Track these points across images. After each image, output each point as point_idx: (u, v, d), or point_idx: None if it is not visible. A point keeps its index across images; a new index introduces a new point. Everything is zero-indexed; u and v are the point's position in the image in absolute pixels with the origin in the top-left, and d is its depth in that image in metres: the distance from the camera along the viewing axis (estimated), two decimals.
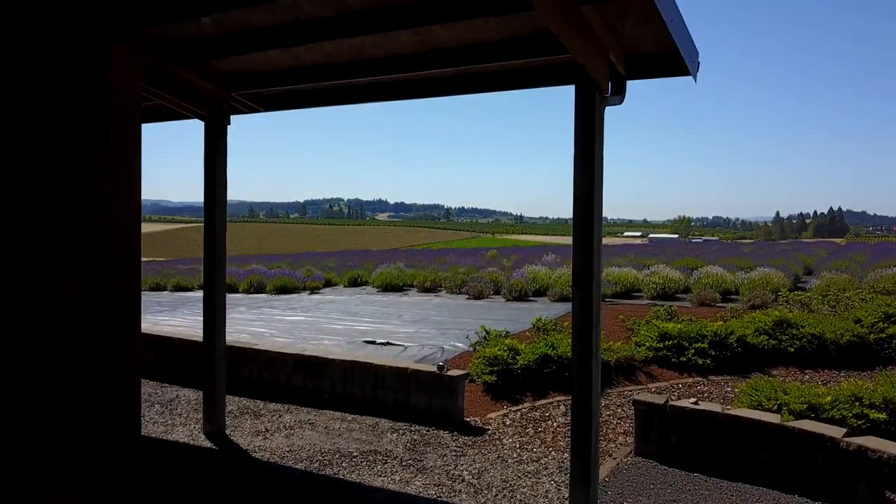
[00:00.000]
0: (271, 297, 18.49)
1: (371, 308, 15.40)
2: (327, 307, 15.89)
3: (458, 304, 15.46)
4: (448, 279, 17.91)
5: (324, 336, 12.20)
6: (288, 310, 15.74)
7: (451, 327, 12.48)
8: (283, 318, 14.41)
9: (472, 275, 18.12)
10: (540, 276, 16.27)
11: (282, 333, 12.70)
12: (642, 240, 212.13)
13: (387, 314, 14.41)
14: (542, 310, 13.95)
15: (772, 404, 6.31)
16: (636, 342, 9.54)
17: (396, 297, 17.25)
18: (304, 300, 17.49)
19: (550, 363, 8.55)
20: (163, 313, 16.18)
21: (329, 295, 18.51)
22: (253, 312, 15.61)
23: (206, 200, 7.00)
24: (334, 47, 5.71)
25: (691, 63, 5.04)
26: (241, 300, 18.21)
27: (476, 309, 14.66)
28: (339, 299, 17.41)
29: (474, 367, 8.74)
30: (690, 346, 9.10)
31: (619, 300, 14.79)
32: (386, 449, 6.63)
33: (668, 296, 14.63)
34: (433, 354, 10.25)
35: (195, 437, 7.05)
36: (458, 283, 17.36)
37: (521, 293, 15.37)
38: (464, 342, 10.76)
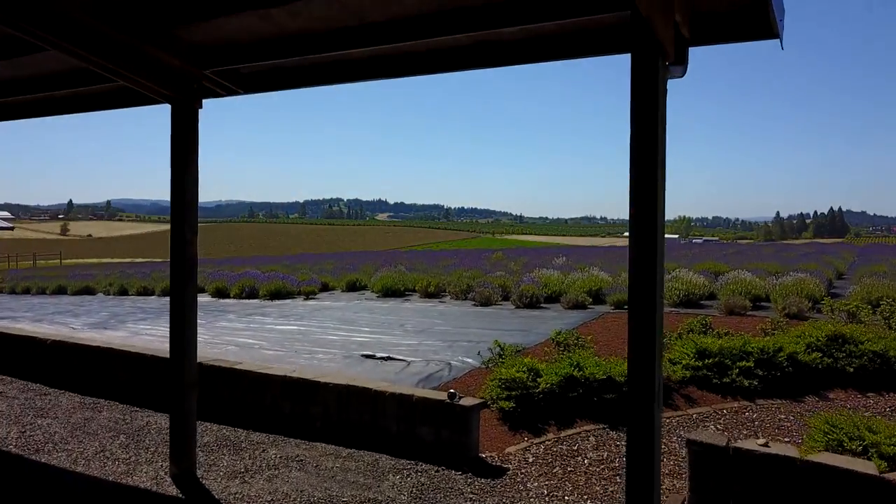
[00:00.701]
0: (264, 303, 17.38)
1: (370, 316, 14.28)
2: (323, 315, 14.77)
3: (465, 312, 14.35)
4: (452, 284, 16.81)
5: (318, 349, 11.10)
6: (281, 318, 14.62)
7: (458, 339, 11.37)
8: (274, 328, 13.29)
9: (477, 279, 17.01)
10: (552, 281, 15.17)
11: (272, 345, 11.60)
12: None
13: (387, 323, 13.30)
14: (556, 319, 12.85)
15: (856, 445, 5.20)
16: (670, 359, 8.43)
17: (397, 304, 16.14)
18: (299, 307, 16.38)
19: (576, 386, 7.45)
20: (146, 321, 15.08)
21: (326, 301, 17.39)
22: (243, 320, 14.50)
23: (172, 199, 5.90)
24: (325, 10, 4.61)
25: (779, 20, 3.92)
26: (231, 306, 17.10)
27: (484, 317, 13.56)
28: (336, 306, 16.30)
29: (488, 389, 7.65)
30: (734, 364, 8.00)
31: None
32: (388, 497, 5.52)
33: (693, 303, 13.52)
34: (439, 372, 9.14)
35: (160, 479, 5.93)
36: (463, 289, 16.25)
37: (531, 300, 14.27)
38: (474, 357, 9.67)
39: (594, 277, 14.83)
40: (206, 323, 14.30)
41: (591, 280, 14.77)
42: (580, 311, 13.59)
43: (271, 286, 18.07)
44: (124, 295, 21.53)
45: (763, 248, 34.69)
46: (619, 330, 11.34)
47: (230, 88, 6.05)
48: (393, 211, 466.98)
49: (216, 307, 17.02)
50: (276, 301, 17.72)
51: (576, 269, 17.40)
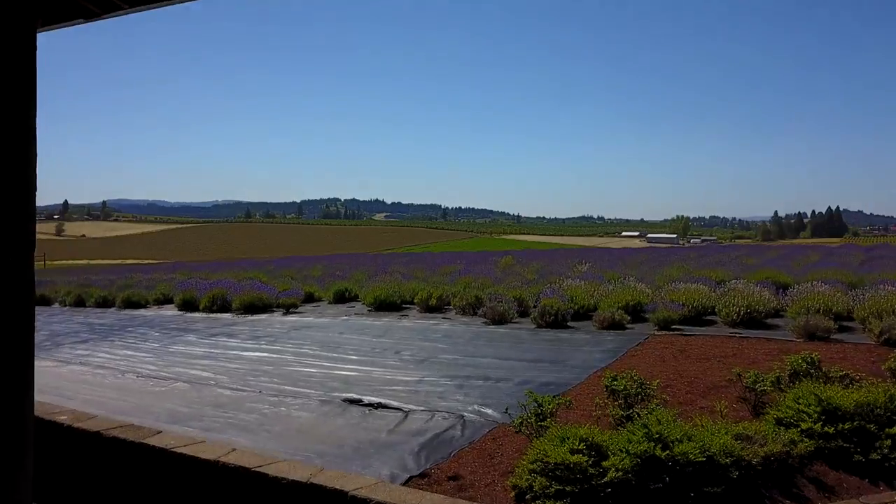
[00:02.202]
0: (236, 319, 14.80)
1: (359, 338, 11.72)
2: (303, 336, 12.20)
3: (475, 333, 11.80)
4: (458, 295, 14.27)
5: (289, 387, 8.56)
6: (251, 339, 12.05)
7: (470, 373, 8.84)
8: (240, 355, 10.73)
9: (487, 289, 14.47)
10: (579, 294, 12.63)
11: (232, 381, 9.07)
12: (640, 240, 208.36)
13: (380, 349, 10.75)
14: (590, 343, 10.32)
15: None
16: (781, 420, 5.89)
17: (393, 321, 13.58)
18: (276, 324, 13.81)
19: (660, 472, 4.91)
20: (88, 343, 12.49)
21: (308, 316, 14.82)
22: (204, 343, 11.93)
23: None
24: None
25: None
26: (197, 322, 14.53)
27: (499, 341, 11.01)
28: (319, 323, 13.72)
29: (523, 473, 5.11)
30: (881, 432, 5.46)
31: (690, 327, 11.15)
32: None
33: (756, 321, 11.01)
34: (449, 431, 6.61)
35: None
36: (470, 302, 13.70)
37: (556, 317, 11.72)
38: (494, 404, 7.21)
39: (630, 289, 12.30)
40: (157, 347, 11.74)
41: (626, 292, 12.23)
42: (617, 333, 11.05)
43: (246, 298, 15.50)
44: (81, 306, 18.94)
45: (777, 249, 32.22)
46: (680, 362, 8.80)
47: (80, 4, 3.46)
48: (390, 211, 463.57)
49: (179, 323, 14.46)
50: (250, 316, 15.14)
51: (605, 277, 14.80)
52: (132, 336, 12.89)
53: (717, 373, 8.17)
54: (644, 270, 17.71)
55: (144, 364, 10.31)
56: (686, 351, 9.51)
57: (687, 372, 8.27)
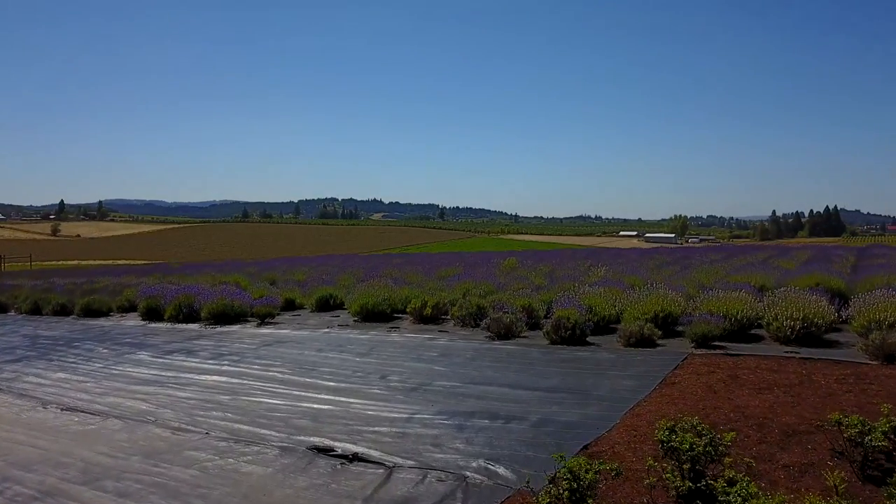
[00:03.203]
0: (202, 331, 12.97)
1: (340, 357, 9.90)
2: (274, 354, 10.39)
3: (477, 351, 10.01)
4: (457, 303, 12.46)
5: (245, 427, 6.78)
6: (213, 358, 10.24)
7: (473, 407, 7.06)
8: (195, 379, 8.92)
9: (490, 297, 12.67)
10: (598, 304, 10.82)
11: (177, 415, 7.29)
12: (638, 240, 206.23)
13: (363, 372, 8.95)
14: (616, 366, 8.54)
15: None
16: None
17: (381, 334, 11.76)
18: (246, 338, 11.98)
19: None
20: (22, 361, 10.66)
21: (285, 327, 12.99)
22: (158, 362, 10.12)
23: None
24: None
25: None
26: (157, 334, 12.70)
27: (507, 362, 9.21)
28: (295, 337, 11.89)
29: None
30: None
31: (734, 344, 9.37)
32: None
33: (812, 336, 9.24)
34: (446, 502, 4.82)
35: None
36: (471, 311, 11.89)
37: (573, 331, 9.92)
38: (506, 457, 5.45)
39: (658, 298, 10.50)
40: (100, 368, 9.92)
41: (654, 301, 10.44)
42: (648, 352, 9.26)
43: (216, 306, 13.67)
44: (37, 314, 17.08)
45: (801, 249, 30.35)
46: (735, 394, 7.01)
47: None
48: (388, 210, 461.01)
49: (136, 336, 12.62)
50: (220, 327, 13.31)
51: (625, 282, 12.95)
52: (76, 353, 11.05)
53: (788, 410, 6.39)
54: (668, 274, 15.89)
55: (77, 392, 8.51)
56: (738, 377, 7.73)
57: (749, 409, 6.48)
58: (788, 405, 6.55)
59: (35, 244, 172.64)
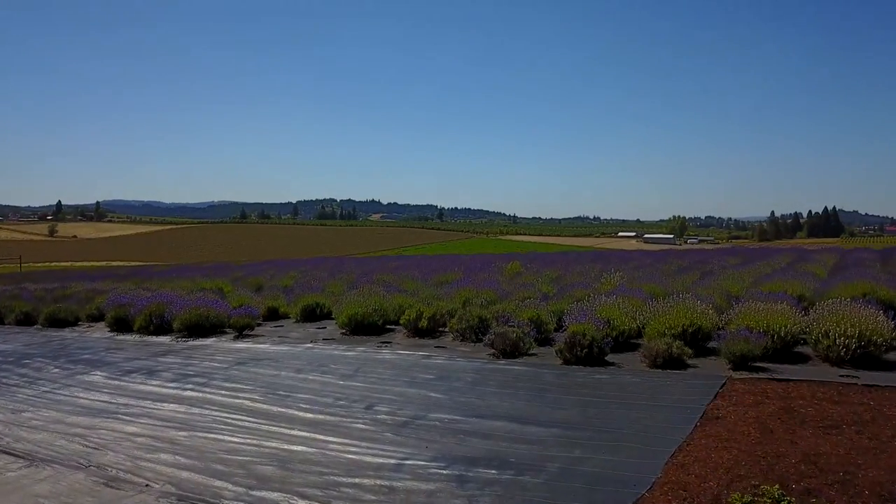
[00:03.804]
0: (172, 345, 11.65)
1: (321, 380, 8.58)
2: (246, 374, 9.07)
3: (480, 373, 8.70)
4: (456, 314, 11.14)
5: (196, 476, 5.47)
6: (175, 380, 8.90)
7: (477, 450, 5.77)
8: (149, 409, 7.60)
9: (493, 307, 11.36)
10: (616, 316, 9.50)
11: (115, 460, 5.98)
12: (637, 240, 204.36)
13: (346, 399, 7.63)
14: (643, 391, 7.24)
15: None
16: None
17: (370, 351, 10.44)
18: (219, 354, 10.65)
19: None
20: None
21: (264, 341, 11.65)
22: (112, 385, 8.79)
23: None
24: None
25: None
26: (120, 349, 11.35)
27: (515, 387, 7.90)
28: (274, 353, 10.56)
29: None
30: None
31: (778, 365, 8.08)
32: None
33: (870, 357, 7.95)
34: None
35: None
36: (473, 324, 10.57)
37: (590, 348, 8.61)
38: None
39: (684, 309, 9.19)
40: (45, 392, 8.57)
41: (680, 313, 9.13)
42: (678, 375, 7.96)
43: (189, 317, 12.34)
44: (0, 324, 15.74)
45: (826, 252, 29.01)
46: (799, 435, 5.71)
47: None
48: (386, 211, 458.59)
49: (96, 352, 11.27)
50: (193, 340, 11.98)
51: (644, 292, 11.54)
52: (21, 373, 9.72)
53: (872, 460, 5.09)
54: (688, 281, 14.43)
55: (5, 425, 7.18)
56: (794, 410, 6.43)
57: (822, 457, 5.18)
58: (870, 452, 5.25)
59: (31, 245, 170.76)
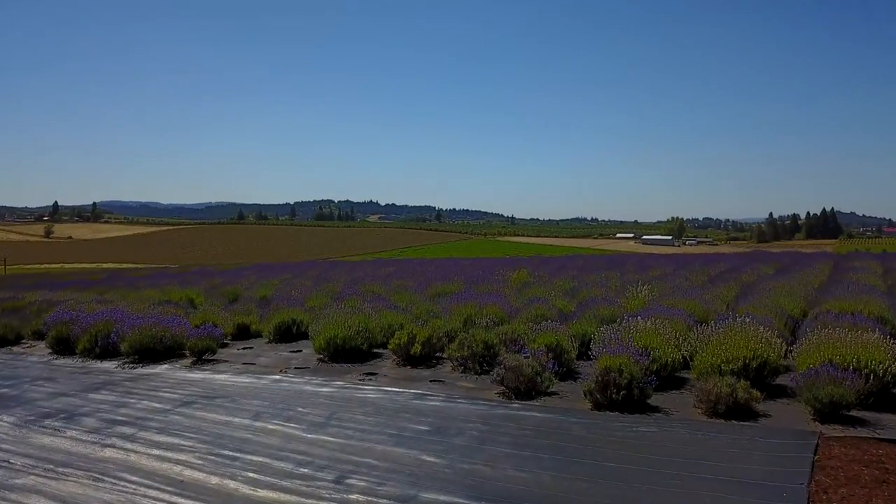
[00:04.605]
0: (116, 373, 9.70)
1: (283, 431, 6.64)
2: (191, 421, 7.13)
3: (487, 421, 6.80)
4: (457, 336, 9.23)
5: None
6: (98, 429, 6.96)
7: None
8: (39, 483, 5.66)
9: (502, 329, 9.46)
10: (657, 346, 7.59)
11: None
12: (635, 242, 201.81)
13: (312, 464, 5.70)
14: (707, 455, 5.35)
15: None
16: None
17: (350, 385, 8.50)
18: (166, 388, 8.69)
19: None
20: None
21: (224, 370, 9.70)
22: (16, 435, 6.86)
23: None
24: None
25: None
26: (51, 378, 9.37)
27: (535, 446, 6.00)
28: (231, 388, 8.61)
29: None
30: None
31: (879, 415, 6.19)
32: None
33: None
34: None
35: None
36: (477, 351, 8.66)
37: (628, 388, 6.71)
38: None
39: (744, 337, 7.29)
40: None
41: (738, 341, 7.24)
42: (747, 427, 6.08)
43: (141, 338, 10.41)
44: None
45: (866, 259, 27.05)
46: None
47: None
48: (384, 212, 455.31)
49: (20, 382, 9.28)
50: (140, 367, 10.04)
51: (683, 311, 9.50)
52: None
53: None
54: (726, 295, 12.25)
55: None
56: None
57: None
58: None
59: (26, 246, 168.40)
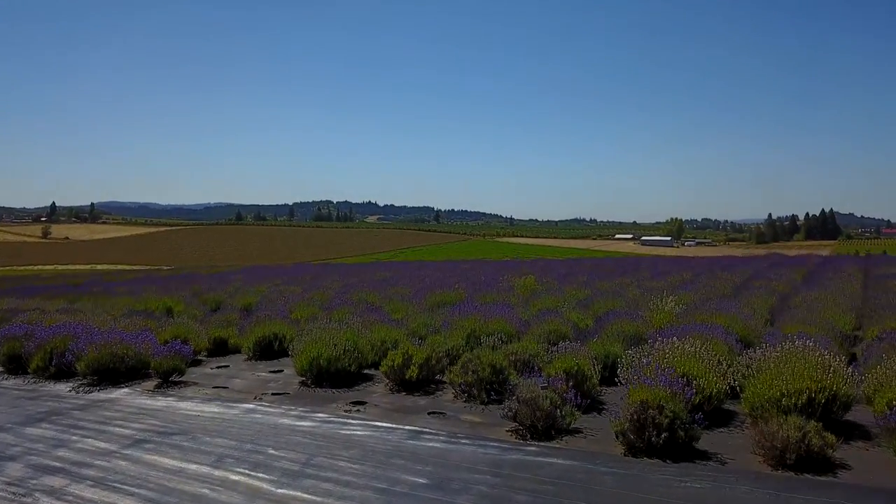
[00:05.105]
0: (67, 398, 8.44)
1: (245, 488, 5.38)
2: (135, 467, 5.86)
3: (497, 472, 5.56)
4: (460, 357, 8.00)
5: None
6: (18, 481, 5.69)
7: None
8: None
9: (511, 348, 8.23)
10: (699, 374, 6.36)
11: None
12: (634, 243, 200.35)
13: None
14: None
15: None
16: None
17: (333, 421, 7.22)
18: (119, 419, 7.42)
19: None
20: None
21: (190, 396, 8.42)
22: None
23: None
24: None
25: None
26: None
27: None
28: (194, 422, 7.33)
29: None
30: None
31: None
32: None
33: None
34: None
35: None
36: (484, 376, 7.41)
37: (670, 431, 5.48)
38: None
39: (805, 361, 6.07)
40: None
41: (798, 368, 6.00)
42: (827, 487, 4.84)
43: (101, 355, 9.16)
44: None
45: None
46: None
47: None
48: (383, 213, 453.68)
49: None
50: (97, 391, 8.78)
51: (722, 328, 8.10)
52: None
53: None
54: (763, 307, 10.85)
55: None
56: None
57: None
58: None
59: (22, 247, 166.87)
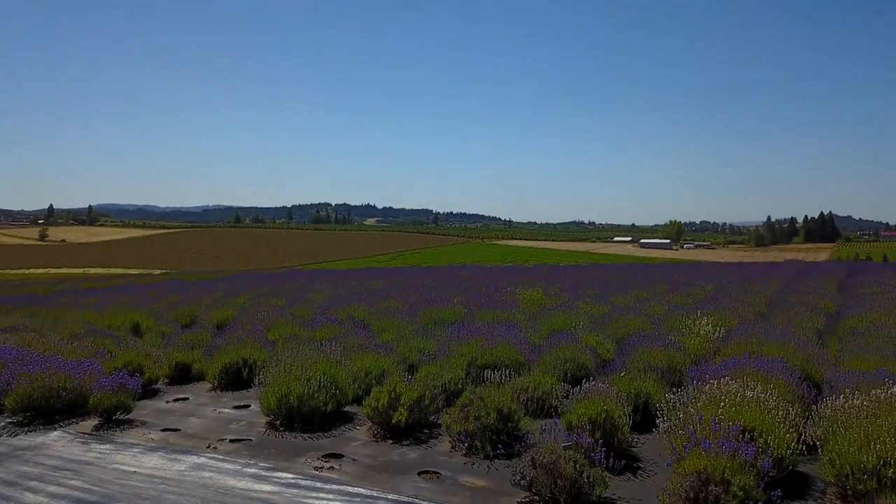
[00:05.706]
0: None
1: None
2: None
3: None
4: (458, 389, 6.58)
5: None
6: None
7: None
8: None
9: (521, 382, 6.82)
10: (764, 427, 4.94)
11: None
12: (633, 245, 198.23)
13: None
14: None
15: None
16: None
17: (300, 483, 5.76)
18: (35, 476, 5.99)
19: None
20: None
21: (130, 445, 6.94)
22: None
23: None
24: None
25: None
26: None
27: None
28: (132, 476, 5.90)
29: None
30: None
31: None
32: None
33: None
34: None
35: None
36: (489, 423, 5.99)
37: None
38: None
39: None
40: None
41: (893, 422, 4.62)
42: None
43: (32, 388, 7.71)
44: None
45: None
46: None
47: None
48: (381, 215, 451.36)
49: None
50: (22, 434, 7.31)
51: (778, 360, 6.57)
52: None
53: None
54: (809, 328, 9.61)
55: None
56: None
57: None
58: None
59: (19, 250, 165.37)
